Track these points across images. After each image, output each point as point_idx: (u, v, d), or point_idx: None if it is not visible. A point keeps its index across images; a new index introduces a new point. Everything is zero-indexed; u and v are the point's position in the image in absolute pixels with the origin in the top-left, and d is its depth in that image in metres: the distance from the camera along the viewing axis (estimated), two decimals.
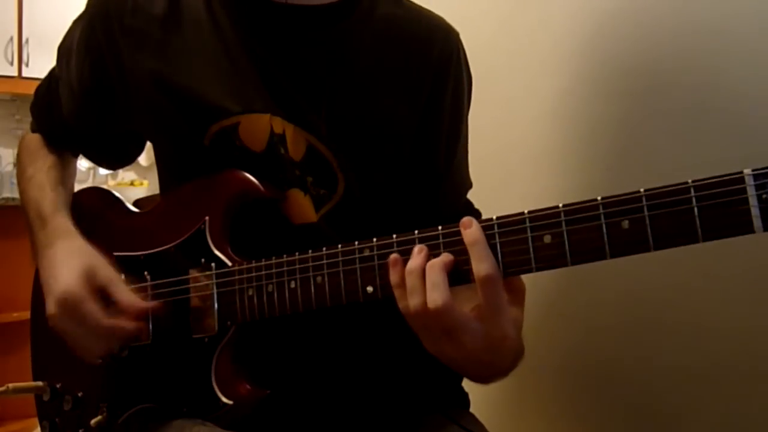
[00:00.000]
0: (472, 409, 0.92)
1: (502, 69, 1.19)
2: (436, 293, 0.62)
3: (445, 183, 0.89)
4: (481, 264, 0.61)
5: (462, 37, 0.91)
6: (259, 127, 0.79)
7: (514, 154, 1.18)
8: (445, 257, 0.63)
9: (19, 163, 0.98)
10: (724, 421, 0.89)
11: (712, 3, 0.88)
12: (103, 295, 0.78)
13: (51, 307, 0.78)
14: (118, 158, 1.00)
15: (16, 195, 1.04)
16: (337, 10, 0.83)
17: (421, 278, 0.63)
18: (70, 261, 0.79)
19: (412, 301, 0.63)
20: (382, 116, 0.83)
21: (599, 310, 1.05)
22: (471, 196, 0.94)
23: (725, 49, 0.86)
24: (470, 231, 0.62)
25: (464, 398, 0.92)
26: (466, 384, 0.91)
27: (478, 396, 0.93)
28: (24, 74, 3.42)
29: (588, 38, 1.05)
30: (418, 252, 0.65)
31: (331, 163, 0.81)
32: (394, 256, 0.66)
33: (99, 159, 0.99)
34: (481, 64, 0.93)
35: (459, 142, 0.90)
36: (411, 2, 0.91)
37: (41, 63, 0.95)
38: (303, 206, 0.81)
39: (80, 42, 0.87)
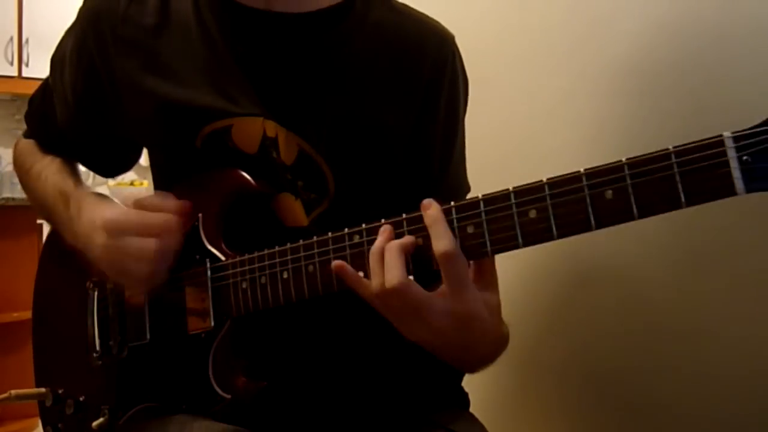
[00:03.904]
0: (472, 409, 0.91)
1: (502, 69, 1.20)
2: (390, 273, 0.63)
3: (441, 187, 0.88)
4: (440, 241, 0.62)
5: (462, 37, 0.90)
6: (252, 129, 0.80)
7: (514, 155, 1.18)
8: (405, 239, 0.65)
9: (19, 164, 0.99)
10: (726, 422, 0.87)
11: (713, 3, 0.88)
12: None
13: (98, 238, 0.77)
14: (115, 166, 1.00)
15: (17, 195, 1.05)
16: (328, 16, 0.84)
17: (380, 260, 0.65)
18: (104, 204, 0.81)
19: (373, 282, 0.65)
20: (374, 122, 0.83)
21: (599, 313, 1.03)
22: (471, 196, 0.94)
23: (726, 49, 0.87)
24: (429, 212, 0.64)
25: (464, 398, 0.91)
26: (466, 384, 0.90)
27: (478, 396, 0.92)
28: (24, 74, 3.48)
29: (588, 38, 1.05)
30: (381, 233, 0.66)
31: (321, 168, 0.81)
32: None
33: (96, 167, 1.00)
34: (482, 64, 0.93)
35: (455, 147, 0.90)
36: (407, 6, 0.90)
37: (41, 63, 0.97)
38: (294, 210, 0.81)
39: (72, 50, 0.88)
